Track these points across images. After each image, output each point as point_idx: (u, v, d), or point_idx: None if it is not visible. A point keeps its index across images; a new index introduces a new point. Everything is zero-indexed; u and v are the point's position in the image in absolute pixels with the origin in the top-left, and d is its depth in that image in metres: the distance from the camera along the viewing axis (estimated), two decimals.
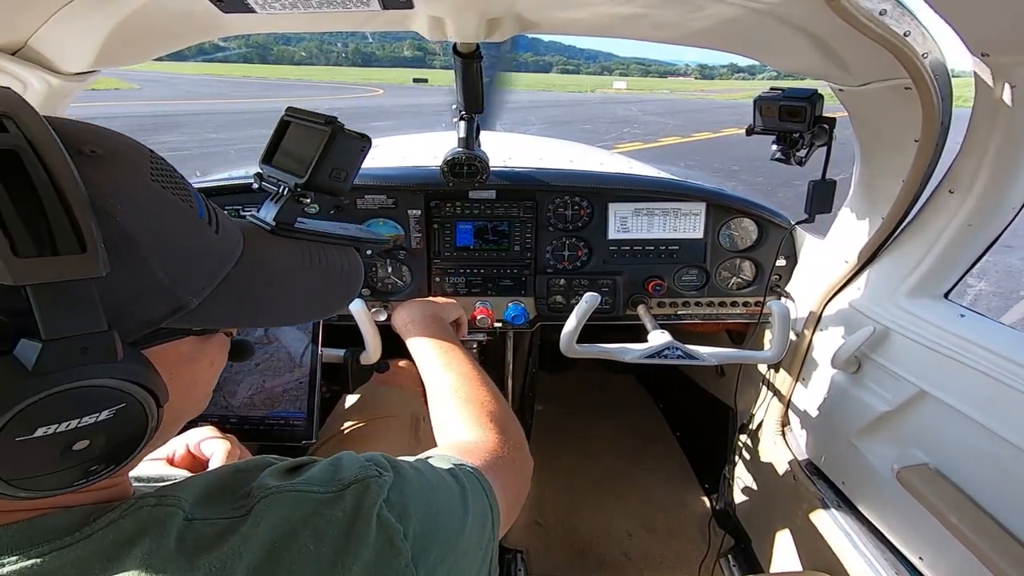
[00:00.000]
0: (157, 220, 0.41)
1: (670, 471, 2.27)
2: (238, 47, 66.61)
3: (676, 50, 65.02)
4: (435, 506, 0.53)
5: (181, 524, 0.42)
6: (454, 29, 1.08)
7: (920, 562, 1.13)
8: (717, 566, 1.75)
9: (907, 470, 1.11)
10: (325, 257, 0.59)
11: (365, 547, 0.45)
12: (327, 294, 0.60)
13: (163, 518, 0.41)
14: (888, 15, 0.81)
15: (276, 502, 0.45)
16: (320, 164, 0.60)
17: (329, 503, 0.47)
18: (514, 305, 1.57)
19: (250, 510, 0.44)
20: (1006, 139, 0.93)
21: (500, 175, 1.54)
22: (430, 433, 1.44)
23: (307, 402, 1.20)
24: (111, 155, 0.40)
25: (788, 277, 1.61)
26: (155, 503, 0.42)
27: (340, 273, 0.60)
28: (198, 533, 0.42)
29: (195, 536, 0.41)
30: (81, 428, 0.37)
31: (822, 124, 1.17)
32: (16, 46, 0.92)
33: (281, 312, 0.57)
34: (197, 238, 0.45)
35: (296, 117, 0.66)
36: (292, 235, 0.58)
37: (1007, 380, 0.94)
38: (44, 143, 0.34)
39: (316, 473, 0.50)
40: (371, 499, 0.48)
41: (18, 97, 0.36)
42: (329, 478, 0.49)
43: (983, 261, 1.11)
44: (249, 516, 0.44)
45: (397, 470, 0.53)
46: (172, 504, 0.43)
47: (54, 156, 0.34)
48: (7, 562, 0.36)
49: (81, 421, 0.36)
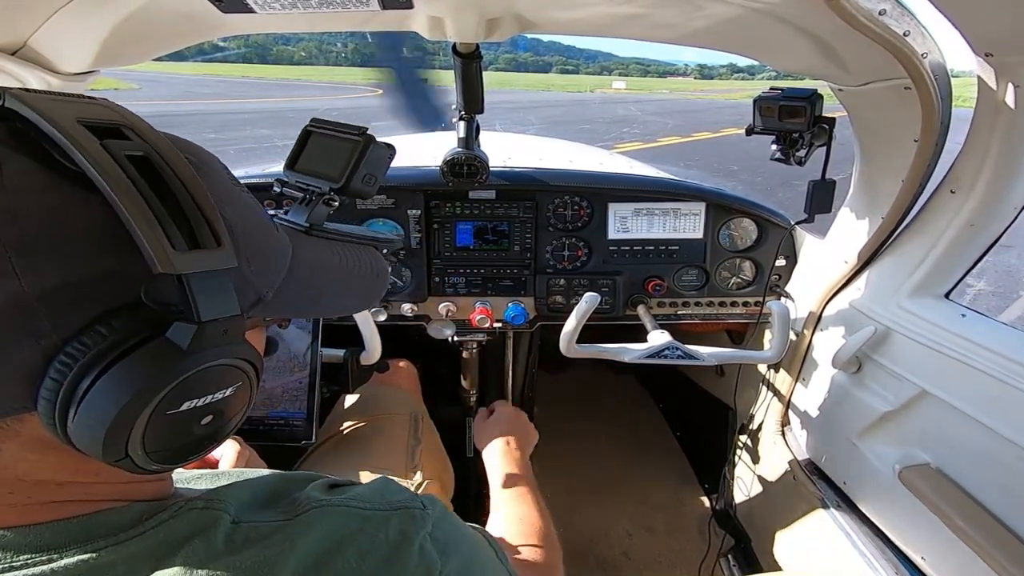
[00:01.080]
0: (243, 219, 0.44)
1: (670, 471, 2.27)
2: (237, 47, 66.59)
3: (676, 50, 65.15)
4: (475, 558, 0.56)
5: (228, 527, 0.43)
6: (454, 29, 1.08)
7: (923, 562, 1.13)
8: (717, 566, 1.75)
9: (909, 470, 1.11)
10: (355, 256, 0.64)
11: (404, 574, 0.46)
12: (360, 289, 0.65)
13: (211, 521, 0.43)
14: (888, 15, 0.81)
15: (328, 514, 0.47)
16: (355, 170, 0.66)
17: (376, 523, 0.48)
18: (514, 305, 1.57)
19: (297, 515, 0.46)
20: (1008, 139, 0.93)
21: (500, 175, 1.54)
22: (429, 433, 1.45)
23: (307, 402, 1.20)
24: (202, 161, 0.44)
25: (788, 277, 1.61)
26: (203, 506, 0.44)
27: (370, 271, 0.65)
28: (245, 535, 0.43)
29: (242, 537, 0.43)
30: (213, 403, 0.41)
31: (822, 124, 1.17)
32: (16, 46, 0.92)
33: (327, 305, 0.63)
34: (269, 236, 0.49)
35: (321, 128, 0.73)
36: (324, 235, 0.63)
37: (1009, 380, 0.94)
38: (167, 150, 0.38)
39: (363, 492, 0.52)
40: (416, 528, 0.49)
41: (129, 110, 0.39)
42: (377, 498, 0.51)
43: (982, 261, 1.11)
44: (297, 522, 0.45)
45: (444, 510, 0.55)
46: (219, 508, 0.44)
47: (178, 161, 0.38)
48: (66, 554, 0.37)
49: (214, 396, 0.40)
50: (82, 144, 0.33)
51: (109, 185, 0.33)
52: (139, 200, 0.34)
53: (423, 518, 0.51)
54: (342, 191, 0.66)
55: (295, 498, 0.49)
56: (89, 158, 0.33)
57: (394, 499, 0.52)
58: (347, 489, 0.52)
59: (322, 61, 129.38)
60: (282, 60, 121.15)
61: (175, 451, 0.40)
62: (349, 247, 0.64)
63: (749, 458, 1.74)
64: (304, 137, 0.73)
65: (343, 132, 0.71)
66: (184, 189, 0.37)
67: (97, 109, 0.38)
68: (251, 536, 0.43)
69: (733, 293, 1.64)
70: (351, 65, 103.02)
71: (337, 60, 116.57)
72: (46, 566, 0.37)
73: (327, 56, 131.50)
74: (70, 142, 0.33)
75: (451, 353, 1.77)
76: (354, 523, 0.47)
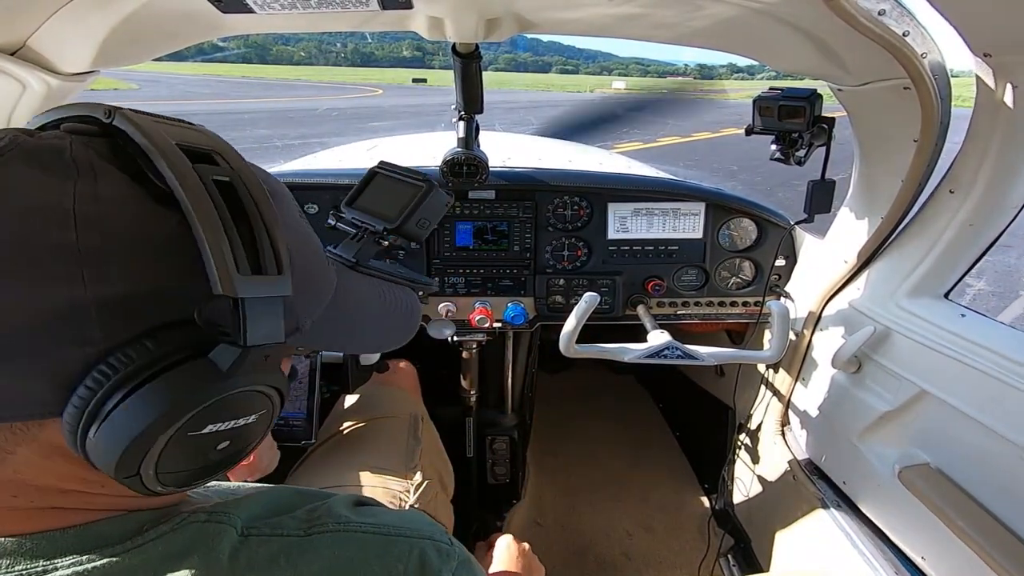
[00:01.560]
0: (301, 249, 0.46)
1: (670, 471, 2.27)
2: (237, 47, 66.59)
3: (675, 50, 65.18)
4: None
5: (235, 540, 0.42)
6: (453, 29, 1.08)
7: (922, 562, 1.13)
8: (717, 566, 1.75)
9: (909, 470, 1.11)
10: (392, 294, 0.66)
11: None
12: (394, 327, 0.67)
13: (213, 534, 0.42)
14: (887, 15, 0.82)
15: (344, 540, 0.45)
16: (412, 213, 0.70)
17: (397, 553, 0.47)
18: (513, 305, 1.57)
19: (312, 532, 0.45)
20: (1007, 139, 0.93)
21: (499, 175, 1.54)
22: (429, 433, 1.45)
23: (307, 402, 1.20)
24: (274, 191, 0.45)
25: (787, 277, 1.61)
26: (205, 519, 0.42)
27: (405, 309, 0.67)
28: (252, 551, 0.42)
29: (249, 554, 0.42)
30: (234, 428, 0.40)
31: (821, 124, 1.18)
32: (15, 46, 0.92)
33: (360, 340, 0.64)
34: (320, 267, 0.50)
35: (386, 170, 0.78)
36: (368, 272, 0.66)
37: (1008, 379, 0.94)
38: (248, 177, 0.39)
39: (385, 515, 0.51)
40: (439, 564, 0.48)
41: (221, 138, 0.41)
42: (405, 524, 0.50)
43: (982, 261, 1.11)
44: (310, 541, 0.44)
45: (470, 556, 0.54)
46: (222, 521, 0.43)
47: (258, 189, 0.39)
48: (60, 565, 0.36)
49: (237, 422, 0.40)
50: (176, 165, 0.35)
51: (192, 205, 0.35)
52: (217, 222, 0.35)
53: (448, 554, 0.50)
54: (396, 231, 0.69)
55: (314, 508, 0.48)
56: (180, 178, 0.35)
57: (422, 528, 0.50)
58: (374, 511, 0.52)
59: (322, 61, 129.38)
60: (282, 60, 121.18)
61: (185, 474, 0.40)
62: (389, 285, 0.66)
63: (749, 458, 1.74)
64: (369, 177, 0.78)
65: (407, 177, 0.75)
66: (259, 215, 0.38)
67: (193, 134, 0.40)
68: (259, 553, 0.42)
69: (733, 293, 1.64)
70: (351, 65, 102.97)
71: (337, 60, 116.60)
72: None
73: (327, 56, 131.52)
74: (166, 162, 0.35)
75: (451, 353, 1.77)
76: (372, 550, 0.46)
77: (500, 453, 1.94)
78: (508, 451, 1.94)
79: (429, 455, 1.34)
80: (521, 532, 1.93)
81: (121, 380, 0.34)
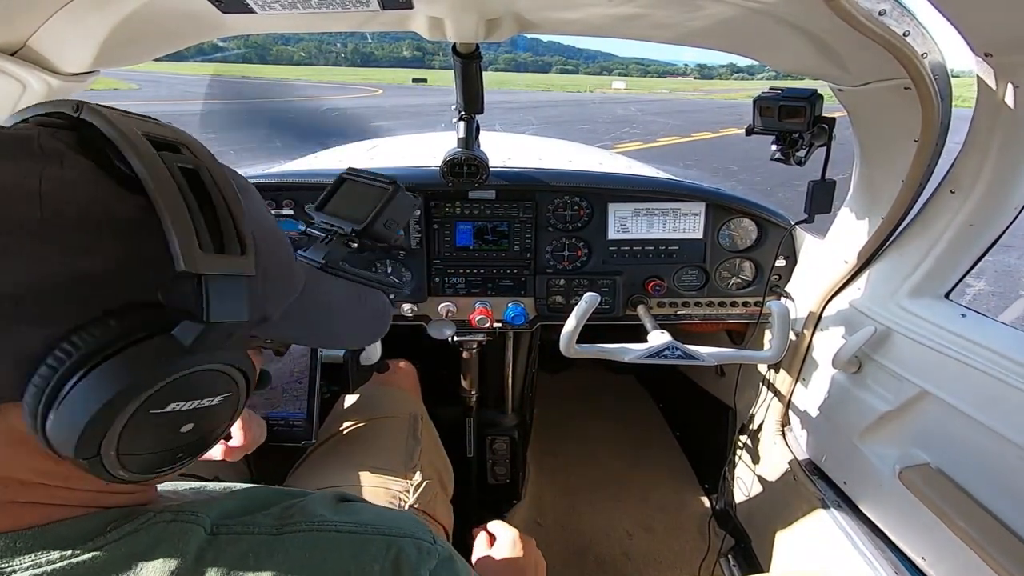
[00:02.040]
0: (267, 239, 0.48)
1: (670, 471, 2.27)
2: (237, 47, 66.56)
3: (675, 50, 65.16)
4: None
5: (203, 539, 0.41)
6: (453, 30, 1.08)
7: (923, 562, 1.13)
8: (717, 566, 1.75)
9: (909, 470, 1.11)
10: (361, 296, 0.68)
11: None
12: (360, 327, 0.69)
13: (179, 534, 0.41)
14: (887, 15, 0.81)
15: (316, 538, 0.45)
16: (379, 215, 0.73)
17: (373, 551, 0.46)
18: (514, 305, 1.57)
19: (284, 532, 0.44)
20: (1008, 139, 0.93)
21: (500, 175, 1.54)
22: (428, 433, 1.45)
23: (307, 402, 1.20)
24: (241, 186, 0.47)
25: (788, 277, 1.61)
26: (172, 518, 0.42)
27: (373, 311, 0.69)
28: (220, 549, 0.41)
29: (216, 552, 0.41)
30: (198, 409, 0.40)
31: (821, 124, 1.17)
32: (15, 46, 0.92)
33: (329, 337, 0.67)
34: (288, 260, 0.52)
35: (355, 176, 0.81)
36: (336, 273, 0.68)
37: (1009, 380, 0.94)
38: (213, 166, 0.41)
39: (366, 513, 0.50)
40: (415, 564, 0.47)
41: (187, 134, 0.44)
42: (384, 521, 0.49)
43: (982, 261, 1.11)
44: (281, 540, 0.44)
45: (453, 553, 0.53)
46: (190, 520, 0.42)
47: (222, 177, 0.41)
48: (18, 567, 0.36)
49: (201, 402, 0.40)
50: (140, 150, 0.37)
51: (155, 185, 0.36)
52: (180, 202, 0.37)
53: (429, 552, 0.49)
54: (363, 233, 0.72)
55: (289, 506, 0.47)
56: (144, 161, 0.36)
57: (403, 526, 0.50)
58: (356, 508, 0.51)
59: (322, 61, 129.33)
60: (282, 60, 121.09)
61: (150, 458, 0.40)
62: (359, 287, 0.68)
63: (749, 458, 1.74)
64: (338, 183, 0.80)
65: (374, 181, 0.78)
66: (223, 201, 0.40)
67: (159, 128, 0.41)
68: (228, 551, 0.41)
69: (733, 293, 1.64)
70: (351, 65, 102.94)
71: (337, 60, 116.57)
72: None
73: (327, 56, 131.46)
74: (130, 147, 0.36)
75: (451, 353, 1.77)
76: (346, 550, 0.45)
77: (500, 453, 1.94)
78: (508, 451, 1.94)
79: (429, 455, 1.34)
80: (521, 532, 1.93)
81: (82, 358, 0.34)
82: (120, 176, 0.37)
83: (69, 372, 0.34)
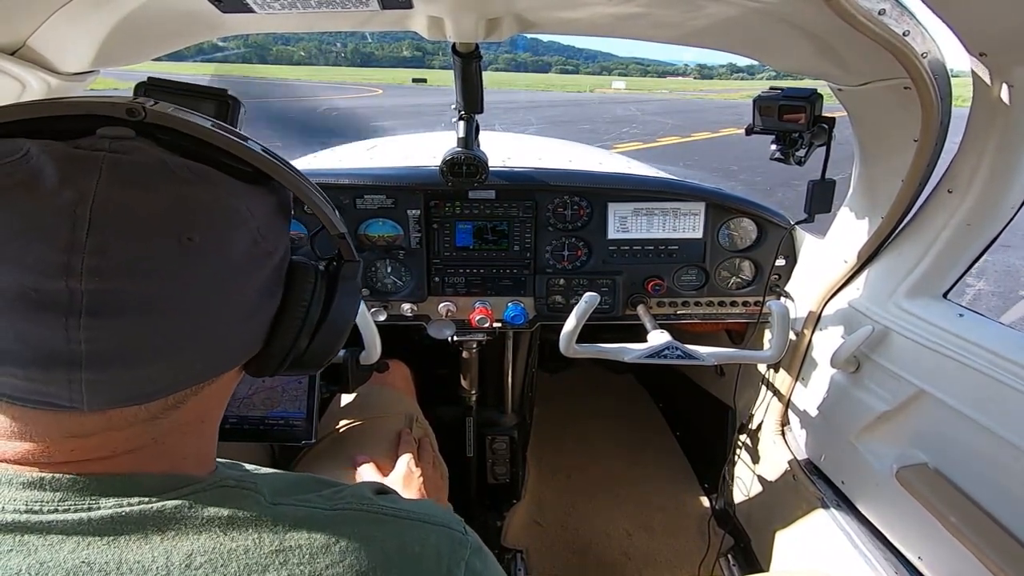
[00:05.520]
0: None
1: (670, 471, 2.27)
2: (237, 47, 66.57)
3: (675, 50, 65.18)
4: None
5: (264, 505, 0.45)
6: (453, 29, 1.08)
7: (919, 562, 1.13)
8: (717, 566, 1.75)
9: (906, 470, 1.11)
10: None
11: None
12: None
13: (242, 496, 0.45)
14: (887, 14, 0.82)
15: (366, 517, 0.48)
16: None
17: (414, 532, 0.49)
18: (513, 305, 1.57)
19: (338, 508, 0.47)
20: (1004, 138, 0.93)
21: (499, 175, 1.54)
22: (423, 433, 1.45)
23: (306, 402, 1.20)
24: None
25: (787, 277, 1.61)
26: (235, 484, 0.45)
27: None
28: (281, 513, 0.44)
29: (276, 514, 0.44)
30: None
31: (821, 124, 1.17)
32: (15, 46, 0.92)
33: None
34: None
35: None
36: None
37: (1006, 380, 0.94)
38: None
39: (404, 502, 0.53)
40: (452, 550, 0.49)
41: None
42: (420, 509, 0.52)
43: (981, 260, 1.11)
44: (337, 513, 0.47)
45: (482, 543, 0.55)
46: (251, 488, 0.46)
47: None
48: (103, 505, 0.40)
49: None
50: (251, 152, 0.45)
51: (287, 178, 0.48)
52: (309, 186, 0.50)
53: (462, 542, 0.51)
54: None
55: (340, 490, 0.50)
56: (263, 162, 0.46)
57: (438, 516, 0.52)
58: (394, 498, 0.54)
59: (322, 61, 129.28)
60: (282, 60, 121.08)
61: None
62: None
63: (749, 458, 1.74)
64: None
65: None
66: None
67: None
68: (286, 516, 0.44)
69: (733, 293, 1.64)
70: (351, 65, 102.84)
71: (337, 60, 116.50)
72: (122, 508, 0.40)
73: (327, 56, 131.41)
74: (246, 152, 0.45)
75: (451, 353, 1.77)
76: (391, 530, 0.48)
77: (500, 453, 1.94)
78: (508, 451, 1.94)
79: (424, 453, 1.34)
80: (521, 532, 1.93)
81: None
82: (234, 171, 0.44)
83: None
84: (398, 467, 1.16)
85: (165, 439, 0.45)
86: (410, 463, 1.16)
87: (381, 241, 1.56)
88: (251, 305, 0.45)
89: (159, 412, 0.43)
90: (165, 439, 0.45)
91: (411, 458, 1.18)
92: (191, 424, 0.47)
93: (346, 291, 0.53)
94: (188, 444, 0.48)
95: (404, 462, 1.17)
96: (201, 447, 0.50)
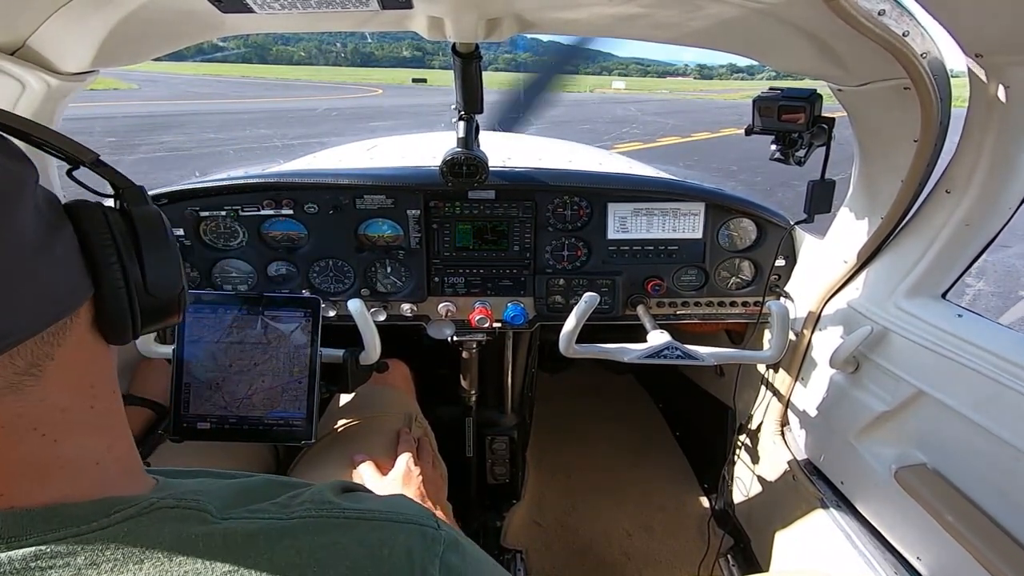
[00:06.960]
0: None
1: (669, 471, 2.27)
2: (237, 47, 66.52)
3: (675, 50, 65.18)
4: None
5: (211, 522, 0.42)
6: (453, 29, 1.08)
7: (918, 562, 1.14)
8: (716, 566, 1.75)
9: (905, 470, 1.11)
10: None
11: None
12: None
13: (185, 518, 0.41)
14: (887, 15, 0.82)
15: (327, 523, 0.45)
16: None
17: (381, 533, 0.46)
18: (513, 305, 1.57)
19: (295, 516, 0.44)
20: (1001, 139, 0.93)
21: (499, 175, 1.54)
22: (422, 432, 1.45)
23: (306, 402, 1.20)
24: None
25: (787, 277, 1.61)
26: (175, 504, 0.42)
27: None
28: (230, 532, 0.41)
29: (225, 534, 0.41)
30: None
31: (821, 124, 1.17)
32: (15, 46, 0.92)
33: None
34: None
35: None
36: None
37: (1004, 380, 0.94)
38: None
39: (371, 501, 0.51)
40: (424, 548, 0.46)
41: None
42: (389, 509, 0.49)
43: (980, 260, 1.11)
44: (294, 522, 0.44)
45: (458, 535, 0.52)
46: (192, 507, 0.42)
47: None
48: (25, 542, 0.36)
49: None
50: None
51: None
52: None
53: (435, 538, 0.48)
54: None
55: (297, 494, 0.47)
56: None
57: (409, 513, 0.49)
58: (361, 497, 0.51)
59: (322, 61, 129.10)
60: (282, 60, 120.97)
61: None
62: None
63: (748, 458, 1.74)
64: None
65: None
66: None
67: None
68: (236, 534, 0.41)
69: (732, 293, 1.64)
70: (351, 65, 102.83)
71: (337, 60, 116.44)
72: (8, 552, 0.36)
73: (327, 56, 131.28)
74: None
75: (451, 353, 1.77)
76: (355, 535, 0.45)
77: (500, 453, 1.94)
78: (508, 451, 1.94)
79: (423, 452, 1.34)
80: (521, 532, 1.93)
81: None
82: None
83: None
84: (397, 466, 1.16)
85: (54, 432, 0.40)
86: (409, 462, 1.16)
87: (381, 241, 1.56)
88: (31, 235, 0.38)
89: (12, 377, 0.37)
90: (54, 432, 0.40)
91: (410, 457, 1.18)
92: (76, 411, 0.42)
93: (143, 214, 0.47)
94: (88, 442, 0.42)
95: (403, 461, 1.17)
96: (114, 449, 0.44)
